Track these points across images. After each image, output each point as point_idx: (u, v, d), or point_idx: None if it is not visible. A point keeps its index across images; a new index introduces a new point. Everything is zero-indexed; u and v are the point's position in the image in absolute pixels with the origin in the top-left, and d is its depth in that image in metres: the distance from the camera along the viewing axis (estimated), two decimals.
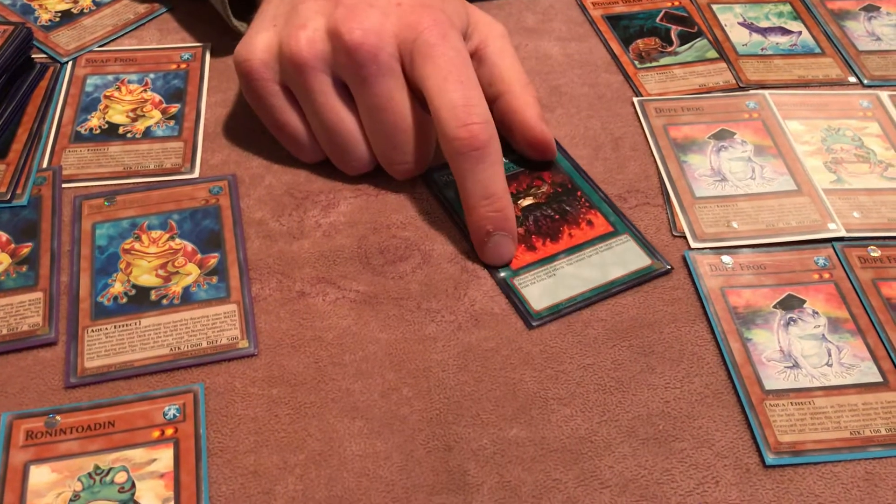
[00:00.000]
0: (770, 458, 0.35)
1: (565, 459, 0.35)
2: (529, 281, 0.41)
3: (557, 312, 0.40)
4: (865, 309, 0.41)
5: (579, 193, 0.45)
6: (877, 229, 0.45)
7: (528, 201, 0.45)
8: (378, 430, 0.36)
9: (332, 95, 0.43)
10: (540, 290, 0.41)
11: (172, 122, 0.49)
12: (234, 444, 0.36)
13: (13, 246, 0.42)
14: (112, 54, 0.53)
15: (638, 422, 0.37)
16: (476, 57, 0.44)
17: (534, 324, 0.40)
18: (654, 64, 0.54)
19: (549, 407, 0.37)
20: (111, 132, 0.48)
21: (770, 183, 0.47)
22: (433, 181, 0.46)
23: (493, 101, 0.44)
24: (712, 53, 0.55)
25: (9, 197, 0.44)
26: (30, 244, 0.42)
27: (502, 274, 0.42)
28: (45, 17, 0.55)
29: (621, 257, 0.42)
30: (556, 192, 0.45)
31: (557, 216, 0.44)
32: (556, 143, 0.48)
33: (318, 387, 0.38)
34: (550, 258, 0.42)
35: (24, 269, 0.41)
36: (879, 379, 0.38)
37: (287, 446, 0.36)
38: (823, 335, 0.40)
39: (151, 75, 0.52)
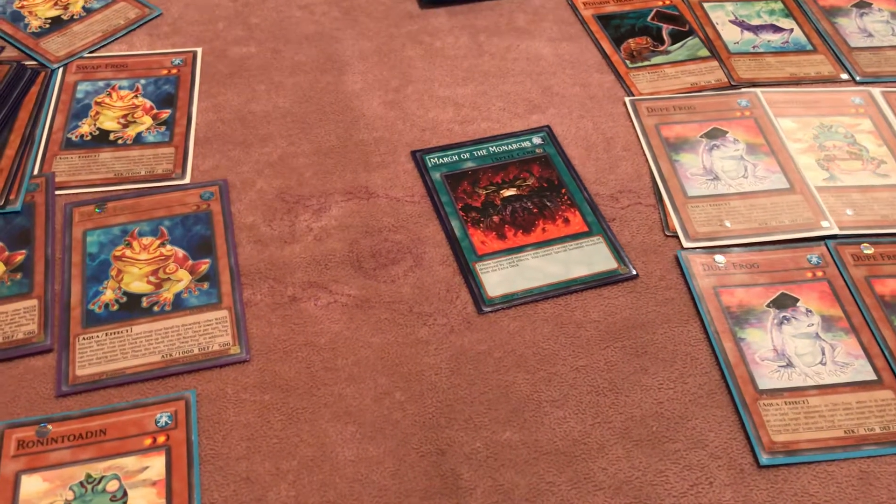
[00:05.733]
0: (764, 458, 0.35)
1: (559, 462, 0.35)
2: (491, 268, 0.42)
3: (510, 302, 0.41)
4: (859, 307, 0.41)
5: (564, 191, 0.45)
6: (870, 226, 0.44)
7: (510, 192, 0.45)
8: (371, 435, 0.36)
9: None
10: (499, 278, 0.41)
11: (163, 128, 0.49)
12: (226, 450, 0.35)
13: (7, 253, 0.42)
14: (102, 60, 0.53)
15: (631, 423, 0.37)
16: None
17: (485, 309, 0.40)
18: (646, 63, 0.54)
19: (542, 409, 0.37)
20: (102, 138, 0.48)
21: (763, 181, 0.46)
22: (423, 163, 0.46)
23: None
24: (704, 52, 0.55)
25: (2, 203, 0.44)
26: (24, 251, 0.42)
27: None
28: (35, 23, 0.55)
29: (588, 258, 0.42)
30: (541, 187, 0.46)
31: (536, 210, 0.44)
32: (554, 138, 0.48)
33: (311, 392, 0.37)
34: (518, 249, 0.43)
35: (19, 276, 0.41)
36: (873, 377, 0.38)
37: (279, 452, 0.35)
38: (817, 334, 0.40)
39: (142, 81, 0.52)
